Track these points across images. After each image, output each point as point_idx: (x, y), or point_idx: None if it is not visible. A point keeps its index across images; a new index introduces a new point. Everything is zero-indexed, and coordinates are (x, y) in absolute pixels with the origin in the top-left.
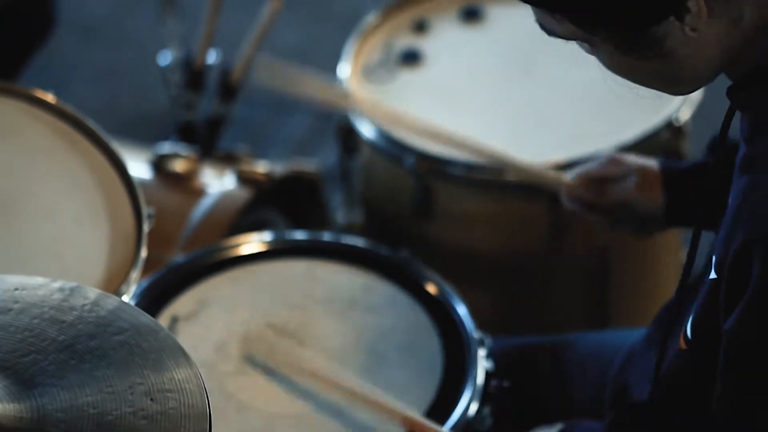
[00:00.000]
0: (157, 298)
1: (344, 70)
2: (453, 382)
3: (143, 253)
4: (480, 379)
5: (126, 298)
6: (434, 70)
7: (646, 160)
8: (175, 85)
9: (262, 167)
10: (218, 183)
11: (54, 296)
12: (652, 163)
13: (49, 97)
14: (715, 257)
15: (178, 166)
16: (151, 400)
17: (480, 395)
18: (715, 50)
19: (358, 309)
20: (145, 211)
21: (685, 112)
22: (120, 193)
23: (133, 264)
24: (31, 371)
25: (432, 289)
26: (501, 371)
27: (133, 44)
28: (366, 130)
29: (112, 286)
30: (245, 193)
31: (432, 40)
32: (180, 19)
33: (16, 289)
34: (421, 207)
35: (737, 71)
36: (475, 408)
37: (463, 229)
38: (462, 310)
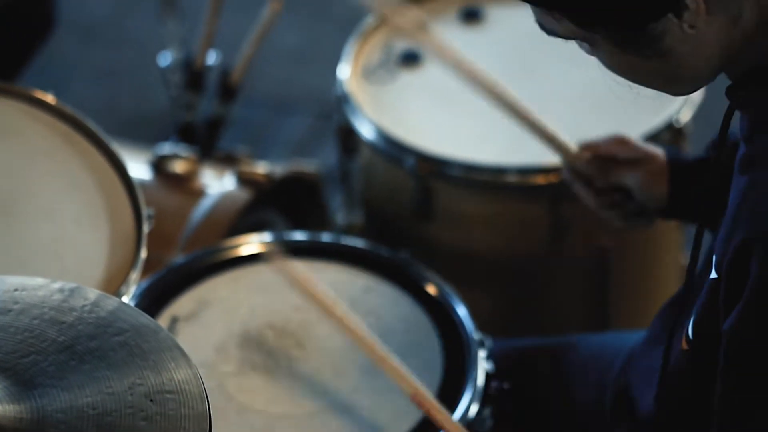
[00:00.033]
0: (156, 299)
1: (344, 70)
2: (453, 384)
3: (143, 253)
4: (480, 381)
5: (126, 299)
6: (434, 71)
7: (652, 147)
8: (175, 86)
9: (262, 168)
10: (218, 184)
11: (54, 297)
12: (659, 151)
13: (49, 98)
14: (715, 257)
15: (178, 167)
16: (151, 401)
17: (480, 397)
18: (715, 48)
19: (358, 310)
20: (145, 211)
21: (685, 113)
22: (120, 194)
23: (132, 265)
24: (30, 372)
25: (432, 290)
26: (501, 373)
27: (133, 45)
28: (366, 131)
29: (112, 287)
30: (245, 194)
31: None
32: (180, 19)
33: (16, 289)
34: (421, 208)
35: (737, 70)
36: (475, 409)
37: (463, 230)
38: (462, 311)
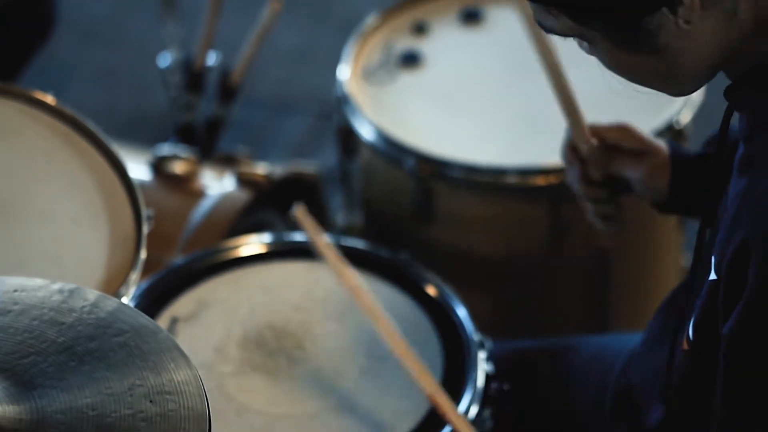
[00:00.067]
0: (156, 300)
1: (344, 71)
2: (453, 385)
3: (143, 254)
4: (480, 382)
5: (125, 300)
6: (434, 72)
7: (656, 140)
8: (175, 87)
9: (262, 169)
10: (218, 185)
11: (53, 298)
12: (662, 144)
13: (49, 99)
14: (714, 258)
15: (178, 168)
16: (151, 401)
17: (480, 398)
18: (712, 46)
19: (358, 311)
20: (145, 212)
21: (686, 114)
22: (119, 195)
23: (132, 265)
24: (30, 373)
25: (432, 292)
26: (501, 374)
27: (132, 45)
28: (366, 132)
29: (111, 288)
30: (245, 195)
31: (432, 42)
32: (180, 20)
33: (16, 290)
34: (421, 209)
35: (736, 70)
36: (475, 411)
37: (462, 231)
38: (462, 313)
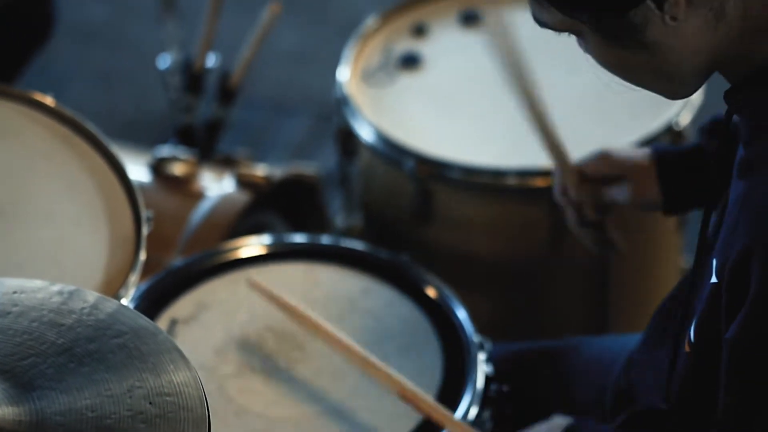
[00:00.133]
0: (156, 301)
1: (344, 73)
2: (453, 386)
3: (142, 256)
4: (480, 383)
5: (125, 301)
6: (433, 74)
7: (636, 155)
8: (175, 88)
9: (261, 170)
10: (217, 186)
11: (53, 299)
12: (643, 156)
13: (48, 100)
14: (715, 261)
15: (177, 170)
16: (150, 403)
17: (480, 399)
18: (700, 45)
19: (358, 312)
20: (144, 214)
21: (685, 116)
22: (119, 196)
23: (132, 267)
24: (29, 374)
25: (431, 293)
26: (501, 375)
27: (132, 47)
28: (365, 134)
29: (111, 290)
30: (244, 197)
31: (431, 44)
32: (179, 22)
33: (15, 292)
34: (421, 210)
35: (735, 74)
36: (474, 412)
37: (462, 233)
38: (462, 314)
